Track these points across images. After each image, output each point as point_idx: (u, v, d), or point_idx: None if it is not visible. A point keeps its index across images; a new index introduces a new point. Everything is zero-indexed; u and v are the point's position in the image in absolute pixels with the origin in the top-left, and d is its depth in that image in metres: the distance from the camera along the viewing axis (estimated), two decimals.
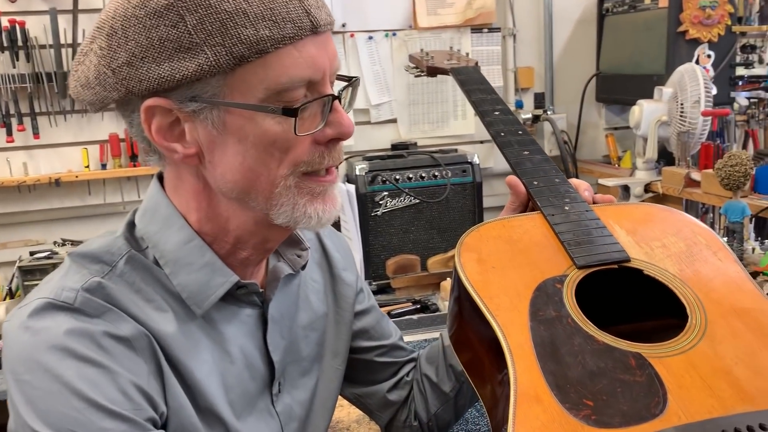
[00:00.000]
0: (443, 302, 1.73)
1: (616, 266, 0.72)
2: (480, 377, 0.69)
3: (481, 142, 2.54)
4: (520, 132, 0.93)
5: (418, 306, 1.79)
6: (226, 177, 0.63)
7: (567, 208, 0.79)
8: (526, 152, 0.89)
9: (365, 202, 1.97)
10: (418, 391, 0.92)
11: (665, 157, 2.16)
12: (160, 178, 0.71)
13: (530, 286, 0.68)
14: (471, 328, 0.70)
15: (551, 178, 0.84)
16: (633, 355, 0.61)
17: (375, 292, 1.84)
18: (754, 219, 1.47)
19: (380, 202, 1.97)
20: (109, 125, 2.26)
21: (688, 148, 1.88)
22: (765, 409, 0.55)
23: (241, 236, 0.67)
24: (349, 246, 0.94)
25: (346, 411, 1.12)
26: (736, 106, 2.18)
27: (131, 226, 0.69)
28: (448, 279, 1.74)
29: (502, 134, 0.92)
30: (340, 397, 1.18)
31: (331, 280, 0.88)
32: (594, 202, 0.82)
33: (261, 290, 0.72)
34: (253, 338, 0.72)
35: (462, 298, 0.70)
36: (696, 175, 1.73)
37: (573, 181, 0.84)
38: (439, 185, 2.06)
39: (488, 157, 2.53)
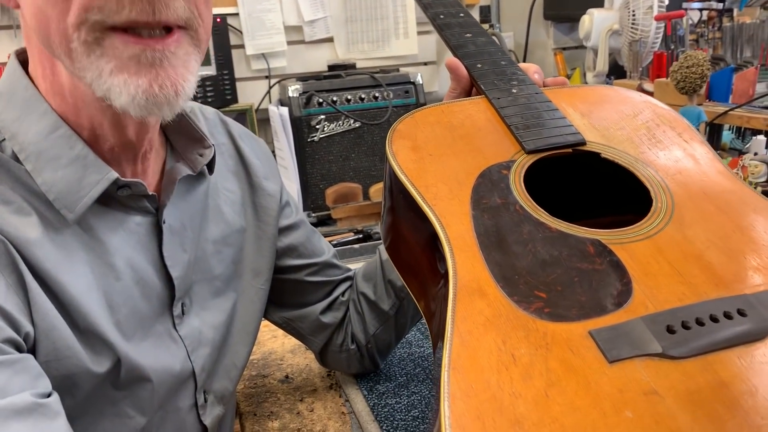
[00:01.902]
0: None
1: (570, 150, 0.63)
2: (418, 282, 0.61)
3: (425, 63, 2.42)
4: (461, 15, 0.83)
5: (360, 236, 1.71)
6: (27, 19, 0.53)
7: (515, 91, 0.70)
8: (468, 35, 0.79)
9: (300, 127, 1.85)
10: (355, 312, 0.84)
11: (616, 72, 2.10)
12: (23, 61, 0.59)
13: (472, 173, 0.59)
14: (406, 225, 0.61)
15: (497, 61, 0.75)
16: (591, 242, 0.53)
17: (314, 225, 1.74)
18: (708, 127, 1.42)
19: (317, 127, 1.86)
20: None
21: (639, 59, 1.82)
22: (742, 294, 0.49)
23: (93, 117, 0.55)
24: (270, 152, 0.84)
25: (280, 342, 1.04)
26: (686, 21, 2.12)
27: None
28: None
29: (442, 16, 0.82)
30: (273, 326, 1.10)
31: (249, 191, 0.77)
32: (544, 85, 0.73)
33: (153, 194, 0.62)
34: (144, 251, 0.61)
35: (394, 191, 0.61)
36: (648, 86, 1.67)
37: (522, 64, 0.75)
38: (381, 108, 1.94)
39: (432, 80, 2.42)
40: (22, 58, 0.58)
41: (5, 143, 0.55)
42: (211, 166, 0.68)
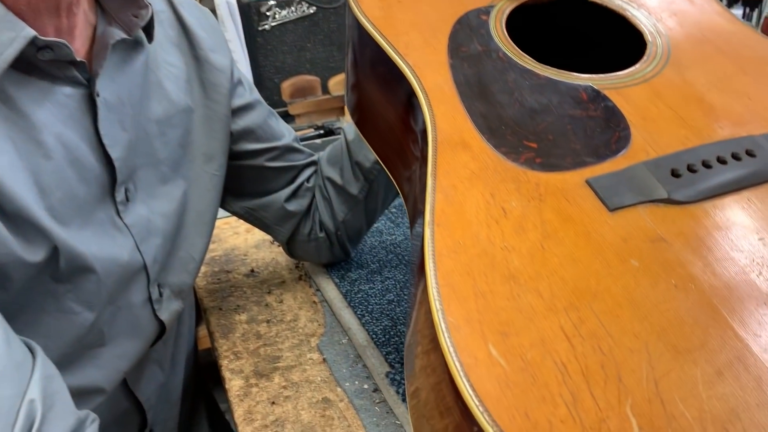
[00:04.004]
0: None
1: None
2: (393, 153, 0.56)
3: None
4: None
5: (322, 132, 1.64)
6: None
7: None
8: None
9: (249, 15, 1.72)
10: (322, 198, 0.80)
11: None
12: None
13: (448, 20, 0.53)
14: (375, 85, 0.55)
15: None
16: (583, 88, 0.48)
17: None
18: None
19: (268, 14, 1.74)
20: None
21: None
22: (749, 135, 0.45)
23: None
24: (217, 23, 0.76)
25: (242, 238, 0.99)
26: None
27: None
28: None
29: None
30: (235, 223, 1.05)
31: (195, 65, 0.70)
32: None
33: (82, 61, 0.54)
34: (77, 126, 0.54)
35: (360, 46, 0.55)
36: None
37: None
38: None
39: None
40: None
41: None
42: (149, 31, 0.61)
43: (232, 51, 1.74)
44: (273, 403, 0.63)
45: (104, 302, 0.56)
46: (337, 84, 1.78)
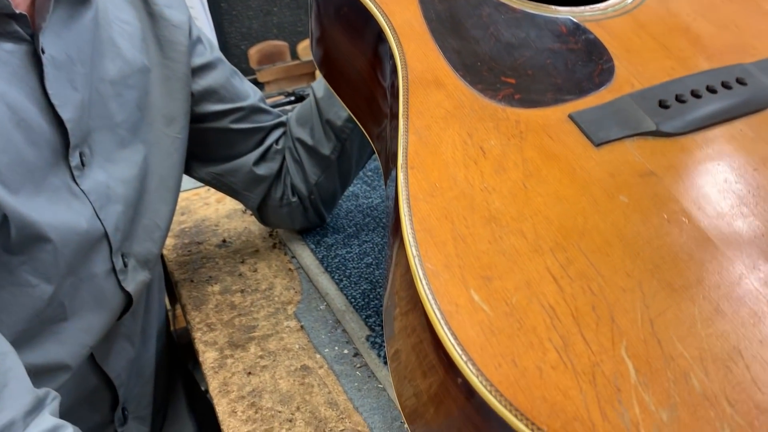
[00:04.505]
0: None
1: None
2: (365, 102, 0.53)
3: None
4: None
5: (293, 98, 1.59)
6: None
7: None
8: None
9: None
10: (293, 161, 0.76)
11: None
12: None
13: None
14: (341, 28, 0.52)
15: None
16: (562, 21, 0.45)
17: None
18: None
19: None
20: None
21: None
22: (738, 63, 0.43)
23: None
24: None
25: (213, 208, 0.96)
26: None
27: None
28: None
29: None
30: (205, 193, 1.02)
31: (150, 22, 0.66)
32: None
33: (23, 14, 0.50)
34: (22, 85, 0.51)
35: None
36: None
37: None
38: None
39: None
40: None
41: None
42: None
43: (195, 18, 1.69)
44: (249, 373, 0.61)
45: (63, 273, 0.53)
46: (307, 48, 1.73)
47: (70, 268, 0.53)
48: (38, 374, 0.52)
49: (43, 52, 0.52)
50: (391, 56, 0.43)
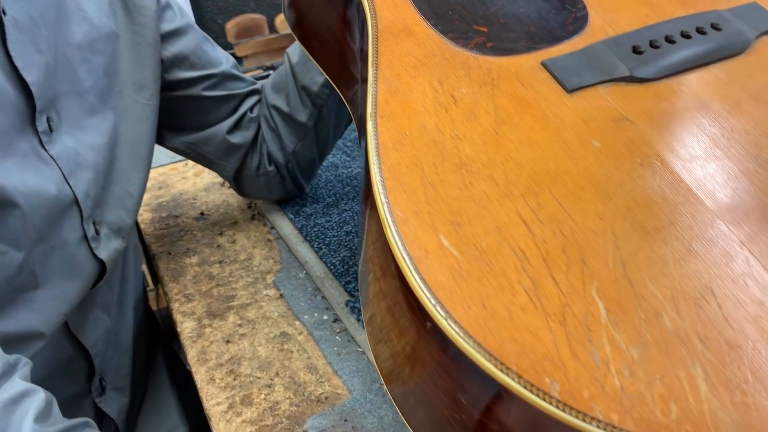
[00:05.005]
0: None
1: None
2: (339, 62, 0.52)
3: None
4: None
5: (272, 73, 1.58)
6: None
7: None
8: None
9: None
10: (268, 129, 0.75)
11: None
12: None
13: None
14: None
15: None
16: None
17: None
18: None
19: None
20: None
21: None
22: (714, 9, 0.42)
23: None
24: None
25: (191, 182, 0.95)
26: None
27: None
28: None
29: None
30: (182, 168, 1.01)
31: None
32: None
33: None
34: None
35: None
36: None
37: None
38: None
39: None
40: None
41: None
42: None
43: None
44: (228, 341, 0.60)
45: (33, 240, 0.52)
46: (285, 22, 1.71)
47: (40, 234, 0.52)
48: (12, 342, 0.51)
49: (4, 14, 0.51)
50: (360, 5, 0.42)
